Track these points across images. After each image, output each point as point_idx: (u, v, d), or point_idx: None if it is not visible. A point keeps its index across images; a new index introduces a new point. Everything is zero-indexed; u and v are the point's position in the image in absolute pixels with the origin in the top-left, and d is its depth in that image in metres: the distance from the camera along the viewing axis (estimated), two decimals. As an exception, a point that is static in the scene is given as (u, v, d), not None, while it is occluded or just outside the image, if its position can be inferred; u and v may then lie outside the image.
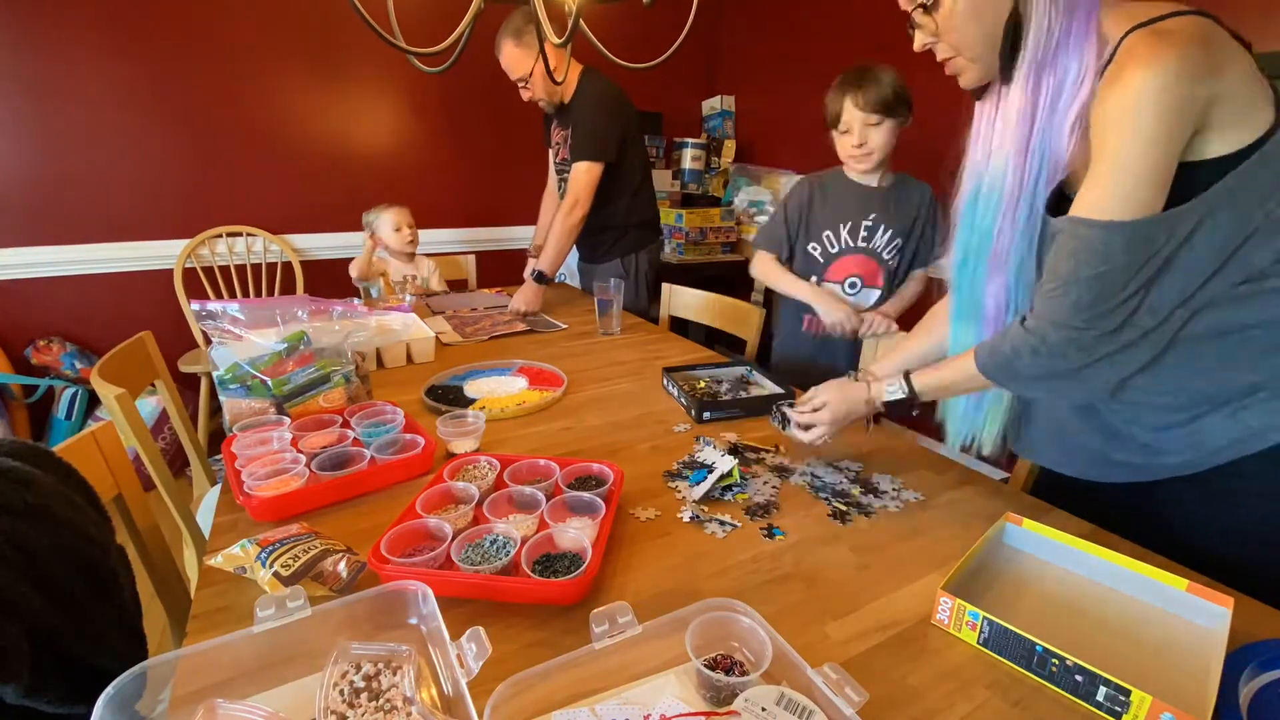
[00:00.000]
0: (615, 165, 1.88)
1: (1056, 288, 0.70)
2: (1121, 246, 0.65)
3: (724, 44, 3.35)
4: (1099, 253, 0.65)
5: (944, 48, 0.77)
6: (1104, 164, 0.65)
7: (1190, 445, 0.75)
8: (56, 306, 2.30)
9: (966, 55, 0.76)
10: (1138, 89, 0.61)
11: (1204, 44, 0.60)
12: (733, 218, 3.04)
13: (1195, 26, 0.61)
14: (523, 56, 1.74)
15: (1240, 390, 0.71)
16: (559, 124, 1.99)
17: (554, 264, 1.90)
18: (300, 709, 0.53)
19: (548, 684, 0.53)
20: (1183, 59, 0.59)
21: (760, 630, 0.58)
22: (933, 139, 2.45)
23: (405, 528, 0.75)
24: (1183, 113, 0.61)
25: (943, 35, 0.76)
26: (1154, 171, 0.62)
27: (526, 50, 1.73)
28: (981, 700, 0.58)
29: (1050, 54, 0.68)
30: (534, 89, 1.81)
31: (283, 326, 1.18)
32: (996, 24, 0.71)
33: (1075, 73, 0.67)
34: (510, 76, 1.81)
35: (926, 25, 0.76)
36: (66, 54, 2.13)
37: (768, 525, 0.85)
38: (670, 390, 1.29)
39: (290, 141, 2.53)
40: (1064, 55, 0.67)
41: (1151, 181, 0.63)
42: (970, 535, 0.79)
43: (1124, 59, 0.63)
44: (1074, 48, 0.67)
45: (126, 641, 0.76)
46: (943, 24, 0.75)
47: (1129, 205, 0.64)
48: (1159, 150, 0.62)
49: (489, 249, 3.01)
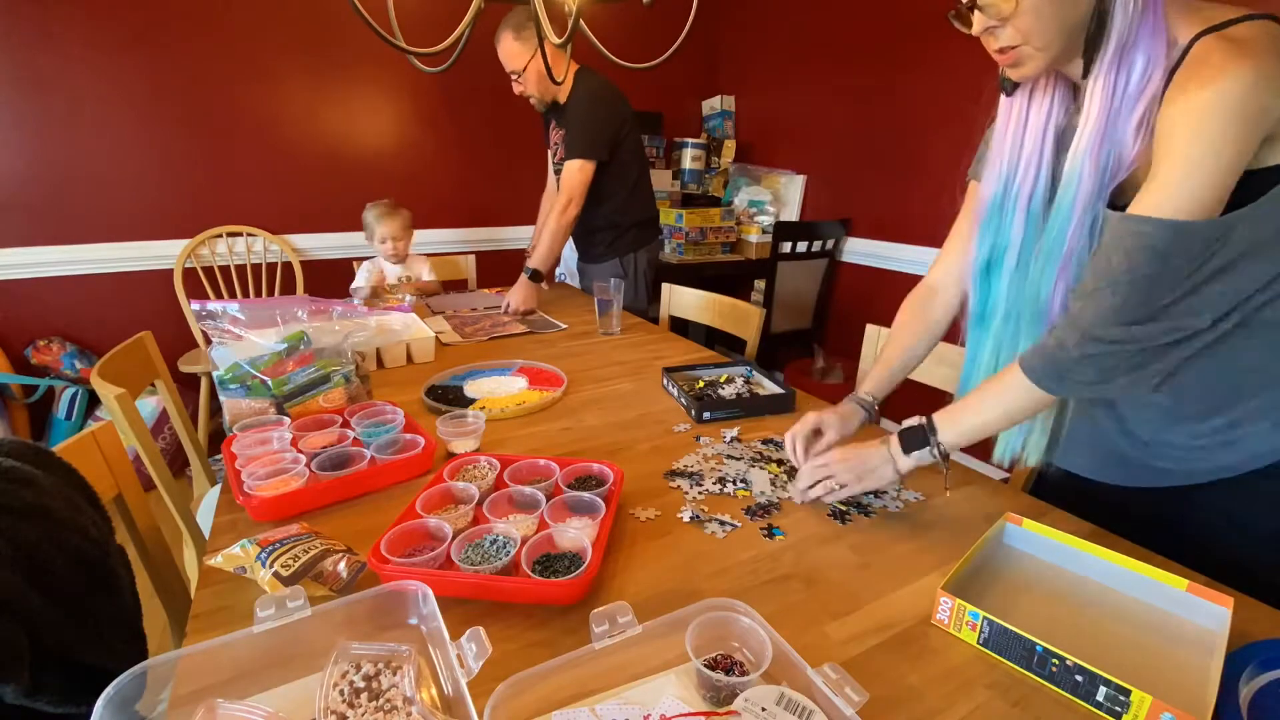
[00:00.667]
0: (610, 163, 1.88)
1: (1104, 286, 0.68)
2: (1181, 247, 0.63)
3: (724, 44, 3.35)
4: (1158, 252, 0.64)
5: (1011, 33, 0.69)
6: (1171, 166, 0.63)
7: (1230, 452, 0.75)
8: (56, 306, 2.30)
9: (1035, 43, 0.69)
10: (1212, 98, 0.59)
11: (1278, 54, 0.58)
12: (733, 218, 3.04)
13: (1268, 34, 0.60)
14: (521, 51, 1.75)
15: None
16: (556, 124, 1.98)
17: (547, 261, 1.90)
18: (300, 709, 0.53)
19: (548, 684, 0.53)
20: (1258, 70, 0.57)
21: (760, 630, 0.58)
22: (925, 139, 2.44)
23: (405, 528, 0.75)
24: (1256, 124, 0.59)
25: (1015, 18, 0.67)
26: (1219, 177, 0.61)
27: (525, 45, 1.74)
28: (981, 700, 0.58)
29: (1129, 47, 0.65)
30: (527, 84, 1.81)
31: (283, 326, 1.18)
32: (1077, 10, 0.66)
33: (1143, 68, 0.65)
34: (505, 68, 1.81)
35: (997, 6, 0.67)
36: (67, 54, 2.13)
37: (768, 525, 0.85)
38: (670, 390, 1.29)
39: (290, 141, 2.54)
40: (1138, 49, 0.65)
41: (1216, 186, 0.61)
42: (970, 535, 0.78)
43: (1196, 65, 0.61)
44: (1146, 42, 0.65)
45: (126, 641, 0.76)
46: (1021, 2, 0.66)
47: (1192, 208, 0.62)
48: (1226, 159, 0.60)
49: (488, 249, 3.01)
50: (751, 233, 3.00)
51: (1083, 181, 0.71)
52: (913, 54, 2.41)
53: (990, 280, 0.85)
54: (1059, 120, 0.77)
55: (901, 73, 2.48)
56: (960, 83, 2.22)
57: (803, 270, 2.73)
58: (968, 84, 2.05)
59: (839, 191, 2.87)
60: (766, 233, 2.95)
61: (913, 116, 2.46)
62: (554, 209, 1.87)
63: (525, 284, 1.90)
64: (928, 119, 2.41)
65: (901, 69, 2.48)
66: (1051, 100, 0.77)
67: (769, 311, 2.56)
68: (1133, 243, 0.65)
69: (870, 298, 2.73)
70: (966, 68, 2.16)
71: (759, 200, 3.09)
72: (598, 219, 1.99)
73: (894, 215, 2.59)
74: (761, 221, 3.03)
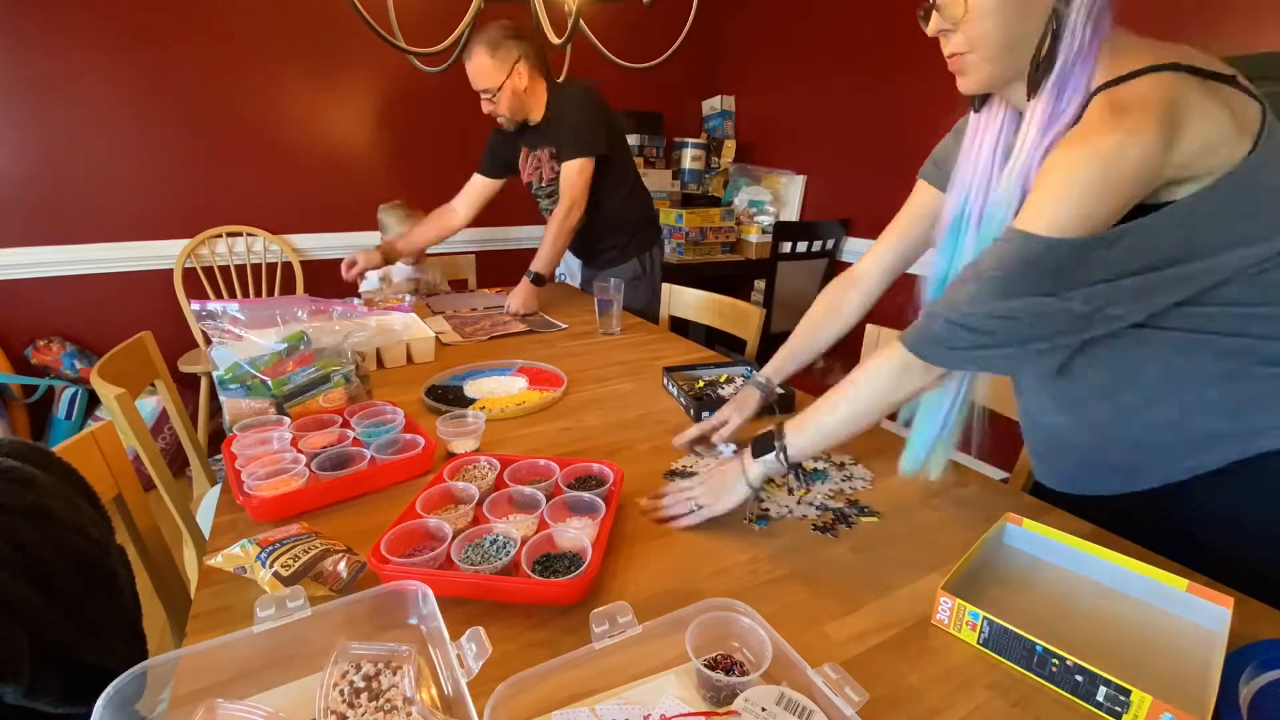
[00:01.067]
0: (607, 161, 1.87)
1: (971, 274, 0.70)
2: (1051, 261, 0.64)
3: (724, 44, 3.36)
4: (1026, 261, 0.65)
5: (960, 40, 0.70)
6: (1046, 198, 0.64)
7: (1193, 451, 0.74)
8: (56, 306, 2.30)
9: (981, 52, 0.69)
10: (1083, 160, 0.60)
11: (1163, 119, 0.58)
12: (733, 218, 3.04)
13: (1160, 92, 0.59)
14: (493, 69, 1.71)
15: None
16: (529, 145, 1.93)
17: (549, 266, 1.89)
18: (300, 709, 0.53)
19: (548, 684, 0.53)
20: (1133, 143, 0.58)
21: (760, 630, 0.58)
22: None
23: (405, 528, 0.75)
24: (1126, 183, 0.60)
25: (964, 22, 0.68)
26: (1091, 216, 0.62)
27: (499, 64, 1.70)
28: (981, 700, 0.58)
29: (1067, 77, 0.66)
30: (499, 104, 1.77)
31: (283, 326, 1.18)
32: (1025, 25, 0.67)
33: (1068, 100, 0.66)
34: (474, 85, 1.76)
35: (950, 8, 0.68)
36: (67, 54, 2.13)
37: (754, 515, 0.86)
38: (670, 390, 1.29)
39: (290, 141, 2.54)
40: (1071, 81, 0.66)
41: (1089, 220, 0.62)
42: (970, 535, 0.78)
43: (1083, 125, 0.62)
44: (1077, 78, 0.65)
45: (126, 641, 0.76)
46: (971, 9, 0.67)
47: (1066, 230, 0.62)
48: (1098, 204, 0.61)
49: (489, 249, 3.01)
50: (751, 233, 3.00)
51: (1012, 204, 0.72)
52: (913, 54, 2.41)
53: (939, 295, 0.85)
54: (1006, 140, 0.77)
55: (901, 73, 2.48)
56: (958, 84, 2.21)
57: (803, 270, 2.73)
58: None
59: (839, 191, 2.87)
60: (766, 233, 2.95)
61: (913, 116, 2.46)
62: (556, 214, 1.84)
63: (526, 287, 1.90)
64: (928, 119, 2.40)
65: (901, 69, 2.48)
66: (1002, 122, 0.78)
67: (769, 311, 2.55)
68: (1005, 248, 0.66)
69: (870, 298, 2.73)
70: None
71: (759, 200, 3.09)
72: (603, 224, 1.98)
73: (894, 215, 2.59)
74: (761, 221, 3.03)
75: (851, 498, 0.92)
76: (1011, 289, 0.66)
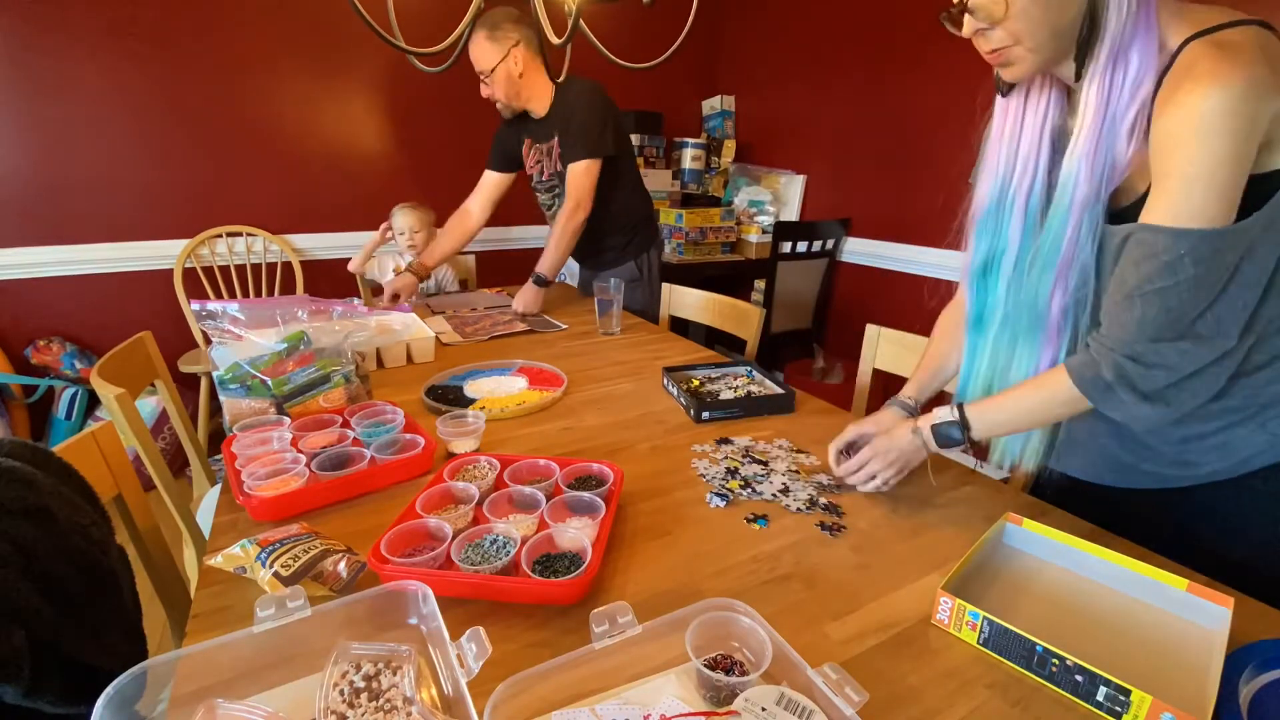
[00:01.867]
0: (612, 161, 1.86)
1: (1123, 300, 0.67)
2: (1191, 257, 0.62)
3: (724, 44, 3.36)
4: (1168, 265, 0.63)
5: (1001, 34, 0.69)
6: (1172, 180, 0.62)
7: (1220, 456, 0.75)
8: (56, 306, 2.30)
9: (1026, 44, 0.68)
10: (1204, 108, 0.58)
11: (1268, 59, 0.57)
12: (733, 218, 3.04)
13: (1258, 40, 0.59)
14: (490, 50, 1.71)
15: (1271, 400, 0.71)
16: (534, 139, 1.92)
17: (555, 268, 1.89)
18: (300, 709, 0.53)
19: (548, 684, 0.53)
20: (1249, 78, 0.56)
21: (760, 630, 0.58)
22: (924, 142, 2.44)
23: (405, 528, 0.75)
24: (1250, 132, 0.58)
25: (1006, 19, 0.67)
26: (1223, 189, 0.60)
27: (495, 46, 1.70)
28: (981, 700, 0.58)
29: (1123, 49, 0.64)
30: (494, 87, 1.77)
31: (283, 326, 1.18)
32: (1068, 10, 0.66)
33: (1137, 71, 0.64)
34: (475, 67, 1.76)
35: (989, 8, 0.67)
36: (66, 54, 2.13)
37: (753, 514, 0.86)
38: (670, 390, 1.29)
39: (290, 141, 2.54)
40: (1132, 51, 0.64)
41: (1221, 198, 0.60)
42: (970, 535, 0.79)
43: (1185, 72, 0.60)
44: (1140, 44, 0.64)
45: (126, 641, 0.76)
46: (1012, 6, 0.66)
47: (1198, 218, 0.61)
48: (1227, 169, 0.59)
49: (489, 249, 3.01)
50: (751, 233, 2.99)
51: (1079, 185, 0.70)
52: (913, 54, 2.41)
53: (987, 283, 0.84)
54: (1055, 122, 0.76)
55: (901, 73, 2.48)
56: (960, 82, 2.22)
57: (803, 270, 2.73)
58: (968, 84, 2.05)
59: (839, 191, 2.87)
60: (766, 233, 2.95)
61: (913, 116, 2.46)
62: (562, 214, 1.84)
63: (531, 288, 1.89)
64: (928, 119, 2.41)
65: (901, 69, 2.48)
66: (1047, 102, 0.76)
67: (769, 311, 2.56)
68: (1140, 253, 0.65)
69: (870, 298, 2.73)
70: (966, 67, 2.16)
71: (759, 200, 3.09)
72: (605, 223, 1.97)
73: (894, 215, 2.59)
74: (761, 221, 3.03)
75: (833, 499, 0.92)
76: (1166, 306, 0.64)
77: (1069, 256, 0.73)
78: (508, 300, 2.05)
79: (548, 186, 1.98)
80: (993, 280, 0.83)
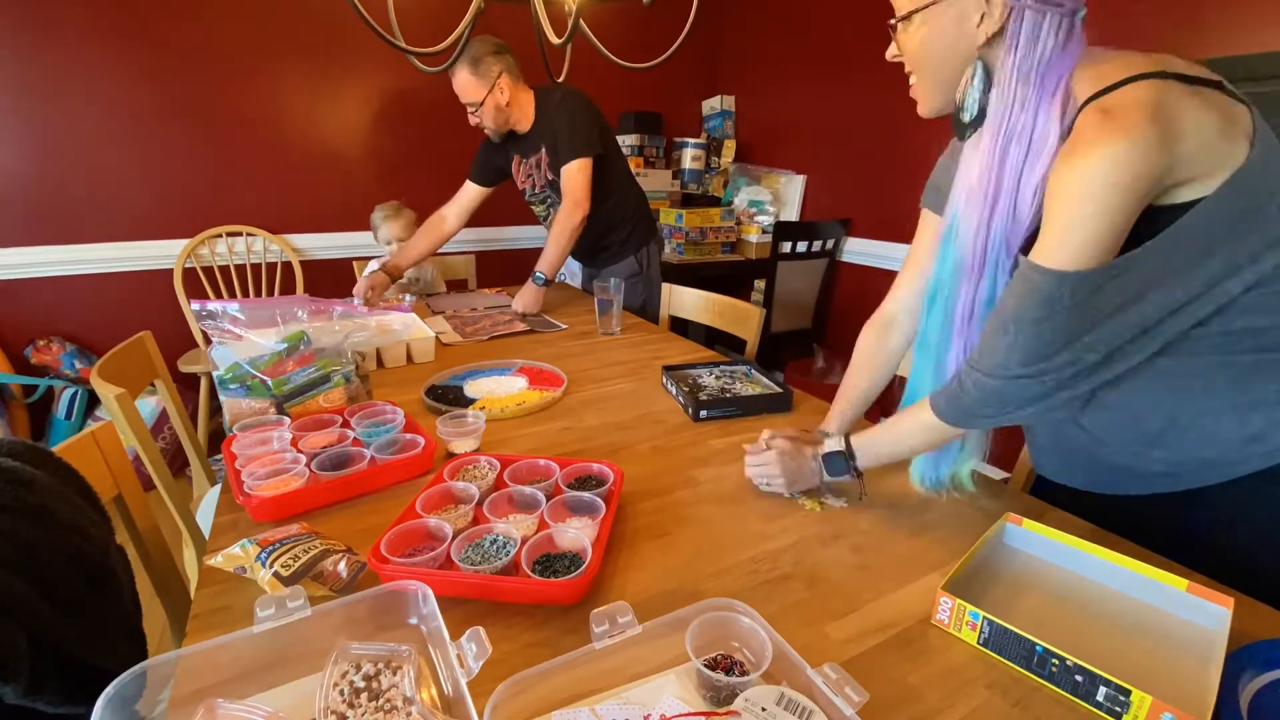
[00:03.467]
0: (600, 159, 1.87)
1: (997, 326, 0.69)
2: (1068, 294, 0.64)
3: (724, 44, 3.35)
4: (1044, 299, 0.65)
5: (907, 65, 0.79)
6: (1054, 227, 0.64)
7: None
8: (56, 306, 2.30)
9: (922, 82, 0.78)
10: (1085, 171, 0.60)
11: (1155, 118, 0.58)
12: (733, 218, 3.04)
13: (1149, 95, 0.59)
14: (475, 85, 1.74)
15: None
16: (522, 154, 1.95)
17: (555, 267, 1.90)
18: (300, 709, 0.53)
19: (548, 684, 0.53)
20: (1130, 142, 0.58)
21: (760, 630, 0.58)
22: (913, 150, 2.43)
23: (405, 528, 0.75)
24: (1131, 190, 0.60)
25: (905, 53, 0.77)
26: (1099, 238, 0.62)
27: (481, 80, 1.73)
28: (981, 700, 0.58)
29: (1016, 124, 0.67)
30: (483, 117, 1.80)
31: (283, 326, 1.18)
32: (951, 69, 0.72)
33: (1038, 142, 0.66)
34: (460, 99, 1.80)
35: (898, 36, 0.78)
36: (66, 54, 2.13)
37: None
38: (669, 389, 1.29)
39: (290, 141, 2.54)
40: (1030, 125, 0.67)
41: (1096, 246, 0.62)
42: (970, 535, 0.79)
43: (1075, 137, 0.62)
44: (1041, 116, 0.66)
45: (126, 641, 0.76)
46: (903, 45, 0.76)
47: (1071, 263, 0.63)
48: (1103, 222, 0.61)
49: (489, 249, 3.01)
50: (751, 233, 2.99)
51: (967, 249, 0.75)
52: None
53: (931, 310, 0.85)
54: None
55: (901, 73, 2.48)
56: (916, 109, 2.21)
57: (803, 270, 2.73)
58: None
59: (839, 191, 2.87)
60: (766, 233, 2.95)
61: (912, 116, 2.45)
62: (560, 214, 1.86)
63: (531, 288, 1.90)
64: (927, 119, 2.40)
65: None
66: None
67: (769, 311, 2.56)
68: (1023, 288, 0.66)
69: (870, 298, 2.72)
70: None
71: (759, 200, 3.09)
72: (601, 221, 1.98)
73: (894, 215, 2.59)
74: (761, 221, 3.03)
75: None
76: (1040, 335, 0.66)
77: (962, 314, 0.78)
78: (508, 300, 2.05)
79: (541, 198, 2.01)
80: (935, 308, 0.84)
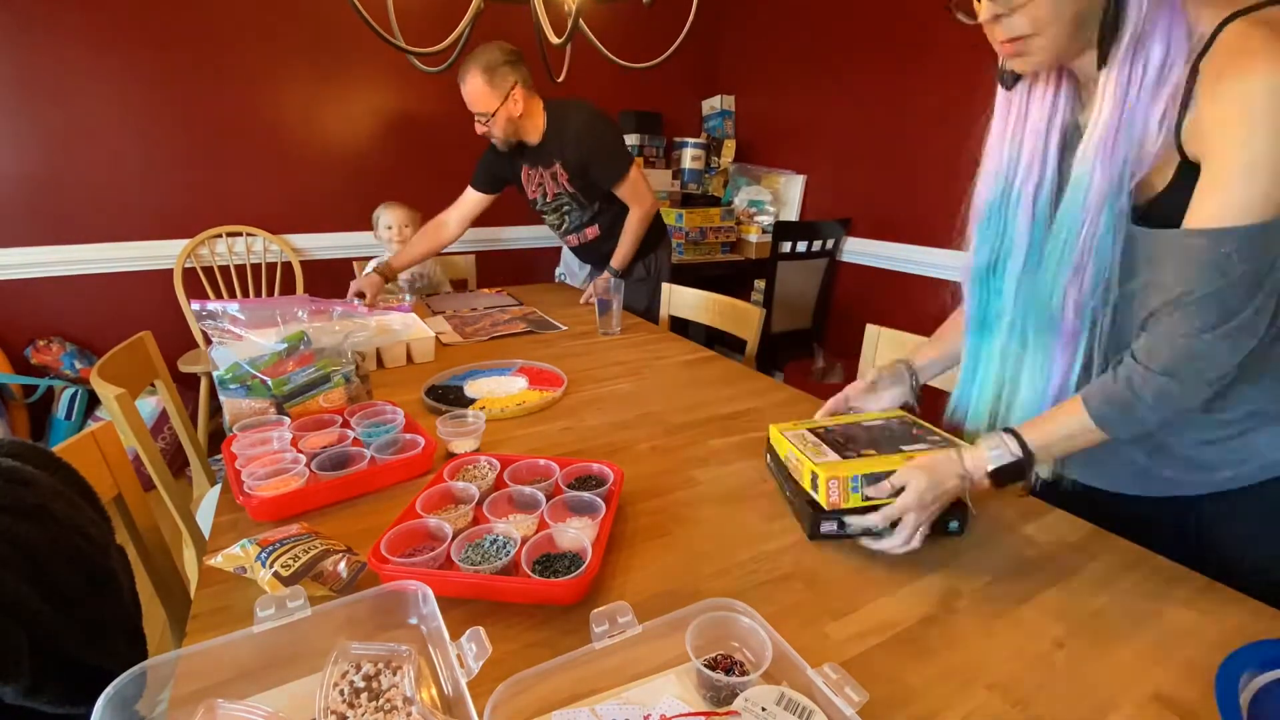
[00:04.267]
0: None
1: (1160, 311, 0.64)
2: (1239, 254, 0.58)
3: (724, 44, 3.35)
4: (1216, 265, 0.58)
5: (1021, 22, 0.64)
6: (1227, 167, 0.58)
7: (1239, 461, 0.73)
8: (56, 306, 2.30)
9: (1049, 34, 0.64)
10: (1261, 87, 0.54)
11: None
12: (733, 217, 3.04)
13: None
14: (489, 95, 1.69)
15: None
16: (530, 164, 1.93)
17: (626, 260, 1.98)
18: (300, 709, 0.53)
19: (548, 684, 0.53)
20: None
21: (760, 630, 0.58)
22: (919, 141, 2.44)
23: (405, 528, 0.75)
24: None
25: (1028, 5, 0.63)
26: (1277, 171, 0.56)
27: (495, 90, 1.69)
28: (981, 700, 0.58)
29: (1144, 37, 0.61)
30: (494, 127, 1.77)
31: (283, 326, 1.18)
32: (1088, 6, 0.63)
33: (1161, 59, 0.61)
34: (470, 108, 1.75)
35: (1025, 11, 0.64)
36: (65, 54, 2.13)
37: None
38: (772, 471, 0.95)
39: (290, 141, 2.53)
40: (1154, 39, 0.61)
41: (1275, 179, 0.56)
42: (970, 535, 0.78)
43: (1232, 54, 0.56)
44: (1164, 30, 0.60)
45: (126, 642, 0.76)
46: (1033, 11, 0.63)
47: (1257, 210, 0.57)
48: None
49: (489, 249, 3.01)
50: (751, 232, 2.99)
51: (1094, 182, 0.67)
52: (913, 53, 2.41)
53: (991, 285, 0.81)
54: (1064, 117, 0.73)
55: (901, 73, 2.48)
56: (960, 82, 2.21)
57: (803, 270, 2.73)
58: (967, 83, 2.05)
59: (839, 191, 2.87)
60: (766, 232, 2.95)
61: (913, 116, 2.46)
62: (630, 218, 1.93)
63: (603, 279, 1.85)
64: (928, 119, 2.40)
65: (901, 69, 2.48)
66: (1056, 96, 0.73)
67: (769, 311, 2.56)
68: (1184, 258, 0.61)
69: (870, 298, 2.73)
70: (966, 67, 2.16)
71: (759, 200, 3.09)
72: (610, 227, 1.99)
73: (894, 215, 2.59)
74: (761, 221, 3.03)
75: None
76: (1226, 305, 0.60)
77: (1084, 256, 0.69)
78: (508, 300, 2.06)
79: (554, 207, 2.00)
80: (997, 283, 0.80)
